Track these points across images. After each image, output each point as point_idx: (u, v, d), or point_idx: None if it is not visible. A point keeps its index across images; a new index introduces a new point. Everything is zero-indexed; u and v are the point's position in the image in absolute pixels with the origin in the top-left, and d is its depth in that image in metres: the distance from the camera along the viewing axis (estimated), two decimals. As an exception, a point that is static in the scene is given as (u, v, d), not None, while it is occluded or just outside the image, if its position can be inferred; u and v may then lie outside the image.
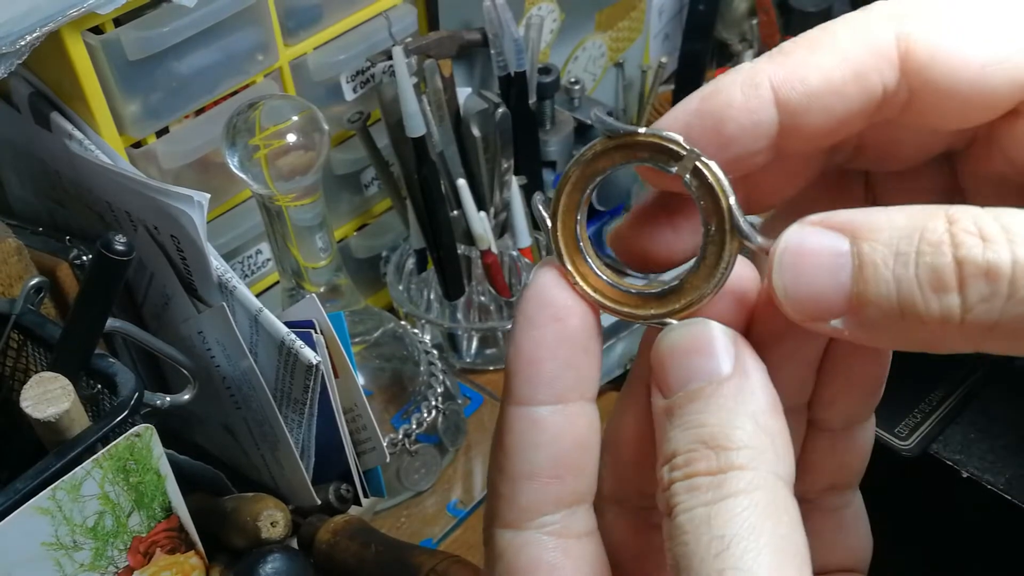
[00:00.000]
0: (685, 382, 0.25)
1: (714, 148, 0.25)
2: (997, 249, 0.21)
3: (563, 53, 0.92)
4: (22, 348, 0.53)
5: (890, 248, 0.22)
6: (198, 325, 0.56)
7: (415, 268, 0.81)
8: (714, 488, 0.23)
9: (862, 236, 0.23)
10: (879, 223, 0.23)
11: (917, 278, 0.22)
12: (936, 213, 0.22)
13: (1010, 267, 0.21)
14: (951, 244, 0.22)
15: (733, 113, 0.25)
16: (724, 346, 0.25)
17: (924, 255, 0.22)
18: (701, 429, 0.24)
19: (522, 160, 0.78)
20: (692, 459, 0.23)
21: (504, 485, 0.26)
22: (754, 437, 0.23)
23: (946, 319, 0.22)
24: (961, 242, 0.21)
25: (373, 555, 0.54)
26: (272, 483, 0.61)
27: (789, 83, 0.25)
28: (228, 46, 0.62)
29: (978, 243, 0.21)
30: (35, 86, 0.58)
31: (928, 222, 0.22)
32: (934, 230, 0.22)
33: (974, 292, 0.21)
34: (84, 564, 0.46)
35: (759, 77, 0.25)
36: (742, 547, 0.22)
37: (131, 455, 0.46)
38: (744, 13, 1.04)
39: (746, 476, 0.23)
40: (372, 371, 0.73)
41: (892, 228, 0.22)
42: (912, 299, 0.22)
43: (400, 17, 0.72)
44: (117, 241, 0.45)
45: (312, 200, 0.61)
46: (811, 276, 0.23)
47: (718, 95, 0.25)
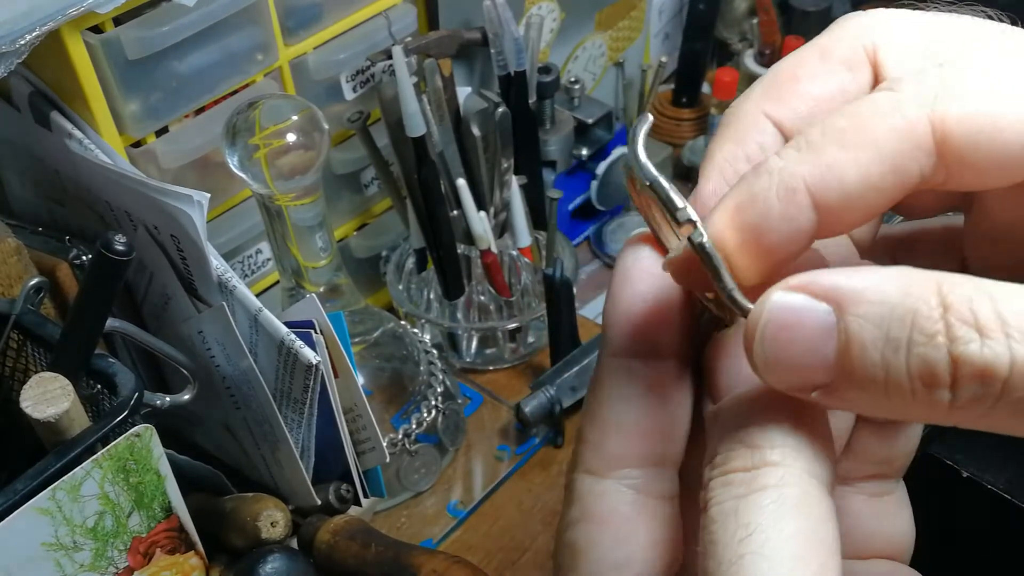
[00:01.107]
0: (730, 386, 0.25)
1: (753, 258, 0.25)
2: (994, 347, 0.20)
3: (563, 52, 0.92)
4: (22, 348, 0.52)
5: (880, 330, 0.21)
6: (198, 325, 0.56)
7: (415, 268, 0.81)
8: (747, 483, 0.23)
9: (848, 308, 0.22)
10: (867, 294, 0.22)
11: (908, 369, 0.21)
12: (928, 288, 0.21)
13: (1007, 368, 0.20)
14: (946, 337, 0.21)
15: (772, 224, 0.24)
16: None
17: (917, 345, 0.21)
18: (740, 430, 0.24)
19: (522, 160, 0.78)
20: (729, 457, 0.24)
21: (592, 432, 0.27)
22: (790, 435, 0.23)
23: (933, 407, 0.21)
24: (957, 336, 0.20)
25: (373, 555, 0.54)
26: (272, 483, 0.61)
27: (826, 185, 0.24)
28: (228, 45, 0.62)
29: (975, 338, 0.20)
30: (35, 85, 0.58)
31: (921, 304, 0.21)
32: (928, 317, 0.21)
33: (967, 391, 0.21)
34: (84, 564, 0.46)
35: (794, 182, 0.24)
36: (765, 535, 0.22)
37: (131, 455, 0.46)
38: (744, 12, 1.04)
39: (778, 472, 0.23)
40: (372, 371, 0.73)
41: (882, 304, 0.21)
42: (900, 387, 0.21)
43: (400, 16, 0.72)
44: (117, 241, 0.45)
45: (312, 200, 0.61)
46: (793, 349, 0.23)
47: (754, 206, 0.24)
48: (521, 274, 0.81)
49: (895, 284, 0.21)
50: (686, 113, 1.01)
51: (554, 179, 0.87)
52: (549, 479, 0.74)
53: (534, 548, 0.70)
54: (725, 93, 0.92)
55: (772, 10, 0.97)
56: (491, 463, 0.76)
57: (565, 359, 0.77)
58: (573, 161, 0.89)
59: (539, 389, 0.75)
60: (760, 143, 0.27)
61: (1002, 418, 0.21)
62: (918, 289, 0.21)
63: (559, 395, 0.74)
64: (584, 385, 0.76)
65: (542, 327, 0.81)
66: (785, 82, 0.27)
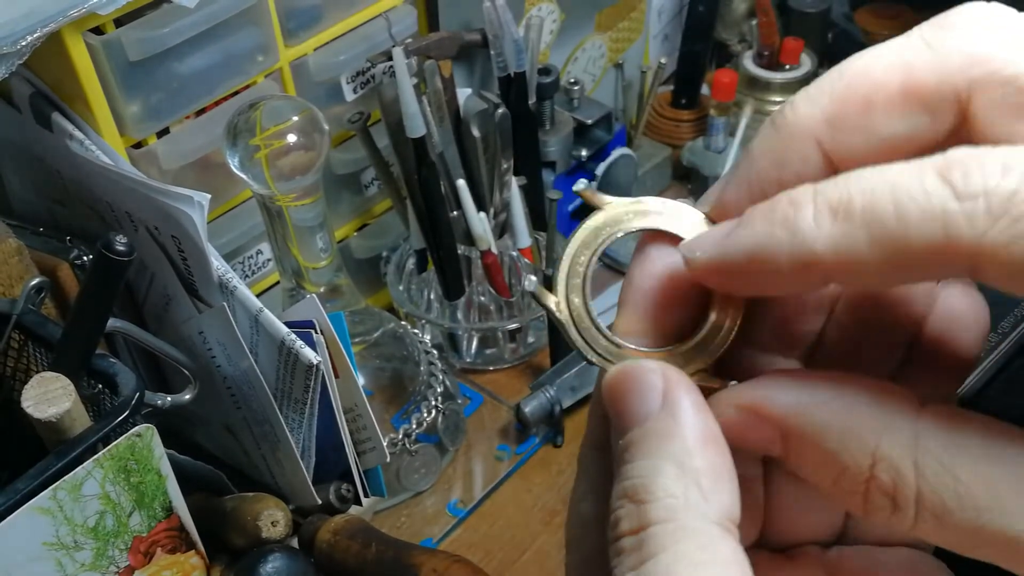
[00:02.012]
0: (627, 428, 0.24)
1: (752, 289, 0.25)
2: (902, 519, 0.22)
3: (563, 54, 0.92)
4: (23, 348, 0.53)
5: (813, 474, 0.24)
6: (199, 325, 0.56)
7: (415, 268, 0.81)
8: (636, 550, 0.22)
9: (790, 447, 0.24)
10: (807, 440, 0.24)
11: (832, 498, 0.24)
12: (863, 449, 0.23)
13: (910, 531, 0.23)
14: (862, 501, 0.23)
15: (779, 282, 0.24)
16: (654, 383, 0.24)
17: (841, 494, 0.23)
18: (627, 482, 0.23)
19: (522, 160, 0.78)
20: (619, 518, 0.23)
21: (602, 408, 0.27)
22: (675, 483, 0.22)
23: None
24: (872, 503, 0.23)
25: (373, 555, 0.54)
26: (272, 483, 0.61)
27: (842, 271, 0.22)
28: (228, 47, 0.62)
29: (887, 507, 0.22)
30: (36, 86, 0.58)
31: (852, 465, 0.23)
32: (854, 480, 0.23)
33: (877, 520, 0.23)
34: (85, 564, 0.46)
35: (811, 259, 0.22)
36: None
37: (132, 455, 0.46)
38: (743, 14, 1.04)
39: (667, 529, 0.22)
40: (372, 371, 0.73)
41: (818, 451, 0.23)
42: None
43: (400, 18, 0.72)
44: (118, 241, 0.45)
45: (312, 200, 0.61)
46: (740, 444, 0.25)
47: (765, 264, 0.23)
48: (521, 274, 0.81)
49: (835, 434, 0.23)
50: (685, 114, 1.01)
51: (554, 180, 0.87)
52: (549, 479, 0.74)
53: (534, 548, 0.70)
54: (724, 94, 0.93)
55: (771, 11, 0.97)
56: (491, 463, 0.76)
57: (565, 359, 0.77)
58: (573, 162, 0.89)
59: (539, 389, 0.75)
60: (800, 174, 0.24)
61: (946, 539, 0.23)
62: (854, 446, 0.23)
63: (559, 395, 0.74)
64: (584, 385, 0.76)
65: (542, 327, 0.81)
66: (854, 111, 0.23)
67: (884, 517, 0.22)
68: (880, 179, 0.21)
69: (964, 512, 0.22)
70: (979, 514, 0.21)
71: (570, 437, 0.76)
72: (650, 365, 0.25)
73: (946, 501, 0.22)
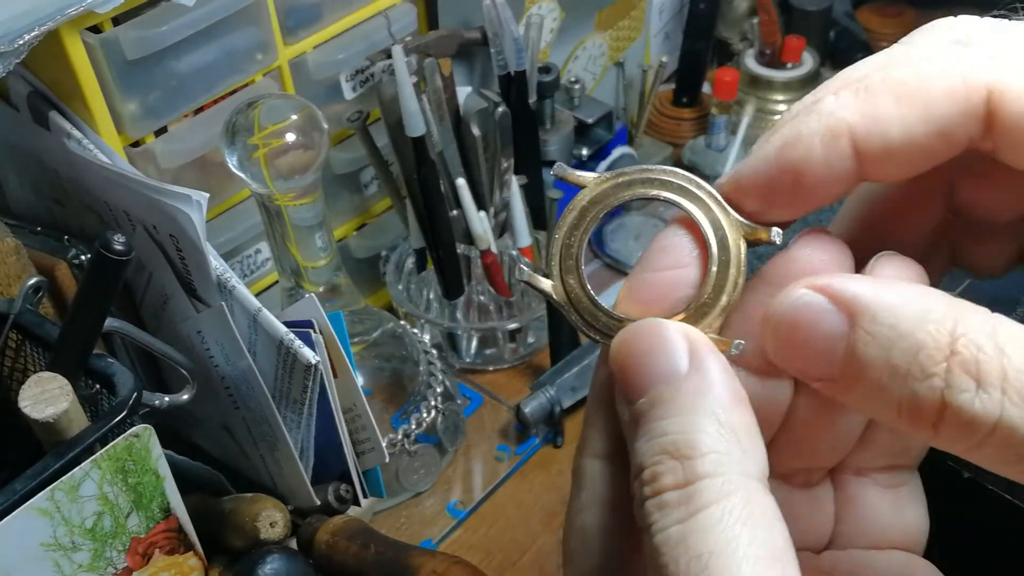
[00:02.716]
0: (646, 387, 0.24)
1: (790, 197, 0.25)
2: (986, 402, 0.20)
3: (563, 52, 0.92)
4: (20, 348, 0.52)
5: (884, 352, 0.22)
6: (197, 325, 0.56)
7: (415, 268, 0.81)
8: (684, 503, 0.22)
9: (861, 323, 0.22)
10: (882, 314, 0.22)
11: (899, 400, 0.22)
12: (943, 326, 0.21)
13: (993, 424, 0.21)
14: (944, 381, 0.21)
15: (813, 167, 0.24)
16: (678, 343, 0.25)
17: (914, 380, 0.21)
18: (664, 438, 0.23)
19: (522, 159, 0.77)
20: (658, 473, 0.23)
21: (601, 416, 0.27)
22: (718, 439, 0.23)
23: (916, 434, 0.22)
24: (953, 383, 0.21)
25: (372, 556, 0.54)
26: (271, 483, 0.61)
27: (870, 137, 0.24)
28: (227, 45, 0.62)
29: (971, 388, 0.21)
30: (34, 85, 0.58)
31: (929, 340, 0.21)
32: (932, 357, 0.21)
33: (947, 433, 0.21)
34: (83, 565, 0.46)
35: (840, 128, 0.24)
36: (721, 563, 0.21)
37: (130, 455, 0.46)
38: (744, 12, 1.04)
39: (715, 484, 0.22)
40: (371, 371, 0.73)
41: (892, 328, 0.22)
42: (887, 412, 0.22)
43: (400, 16, 0.72)
44: (116, 241, 0.44)
45: (311, 199, 0.61)
46: (802, 347, 0.23)
47: (799, 145, 0.24)
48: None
49: (912, 311, 0.22)
50: (686, 113, 1.01)
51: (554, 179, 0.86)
52: (549, 479, 0.74)
53: (534, 548, 0.70)
54: (725, 93, 0.92)
55: (773, 10, 0.97)
56: (491, 463, 0.76)
57: (565, 359, 0.77)
58: (573, 161, 0.89)
59: (539, 389, 0.75)
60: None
61: (984, 460, 0.22)
62: (932, 323, 0.21)
63: (559, 395, 0.74)
64: (584, 385, 0.76)
65: (542, 327, 0.81)
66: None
67: (964, 404, 0.21)
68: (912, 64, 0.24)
69: None
70: None
71: (570, 438, 0.76)
72: (672, 324, 0.25)
73: None
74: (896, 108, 0.24)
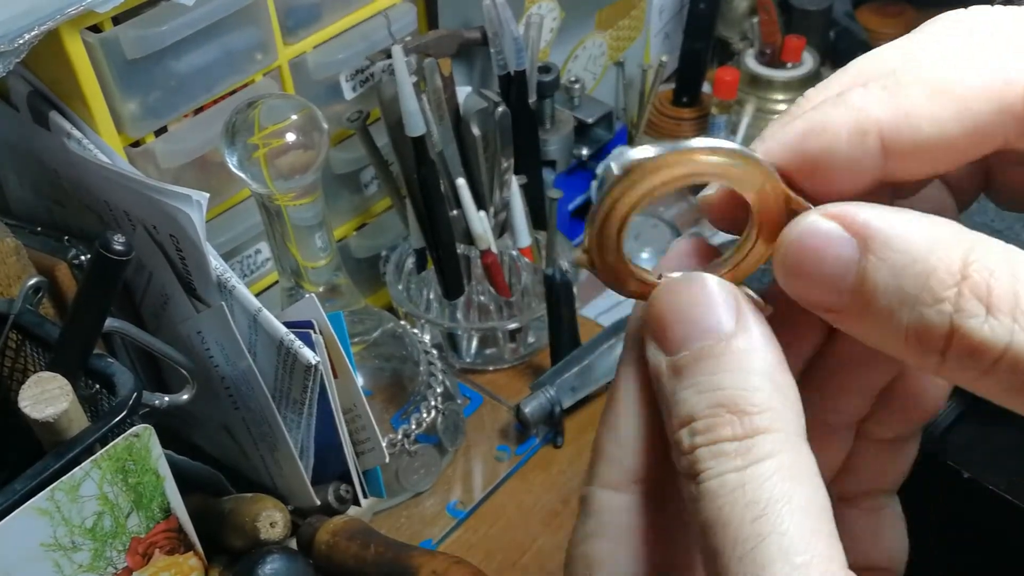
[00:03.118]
0: (689, 339, 0.24)
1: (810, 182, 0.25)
2: (996, 328, 0.20)
3: (563, 52, 0.92)
4: (20, 348, 0.52)
5: (894, 278, 0.22)
6: (197, 325, 0.56)
7: (415, 268, 0.81)
8: (742, 454, 0.23)
9: (873, 249, 0.22)
10: (894, 240, 0.22)
11: (906, 327, 0.22)
12: (955, 251, 0.21)
13: (1002, 350, 0.20)
14: (953, 306, 0.21)
15: (837, 160, 0.24)
16: (725, 300, 0.24)
17: (922, 304, 0.21)
18: (719, 392, 0.23)
19: (522, 159, 0.77)
20: (714, 424, 0.23)
21: (612, 446, 0.27)
22: (773, 398, 0.23)
23: (924, 362, 0.22)
24: (963, 308, 0.21)
25: (372, 556, 0.54)
26: (271, 484, 0.61)
27: (899, 134, 0.23)
28: (227, 45, 0.62)
29: (980, 313, 0.20)
30: (33, 85, 0.58)
31: (941, 265, 0.21)
32: (942, 281, 0.21)
33: (955, 360, 0.21)
34: (83, 565, 0.46)
35: (868, 124, 0.23)
36: (778, 510, 0.22)
37: (130, 455, 0.46)
38: (745, 12, 1.04)
39: (771, 439, 0.23)
40: (371, 371, 0.73)
41: (904, 253, 0.22)
42: (895, 340, 0.22)
43: (399, 16, 0.72)
44: (116, 241, 0.44)
45: (311, 199, 0.61)
46: (810, 274, 0.23)
47: (823, 135, 0.24)
48: (521, 274, 0.81)
49: (924, 237, 0.22)
50: (687, 113, 1.01)
51: (554, 179, 0.86)
52: (549, 479, 0.74)
53: (534, 548, 0.70)
54: (726, 92, 0.92)
55: (773, 9, 0.97)
56: (491, 463, 0.76)
57: (565, 359, 0.77)
58: (573, 161, 0.89)
59: (539, 389, 0.75)
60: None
61: (990, 389, 0.22)
62: (944, 249, 0.21)
63: (559, 395, 0.74)
64: (584, 385, 0.76)
65: (542, 327, 0.81)
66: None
67: (974, 330, 0.20)
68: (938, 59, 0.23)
69: None
70: None
71: (570, 438, 0.76)
72: (716, 279, 0.25)
73: None
74: (929, 105, 0.23)
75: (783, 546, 0.21)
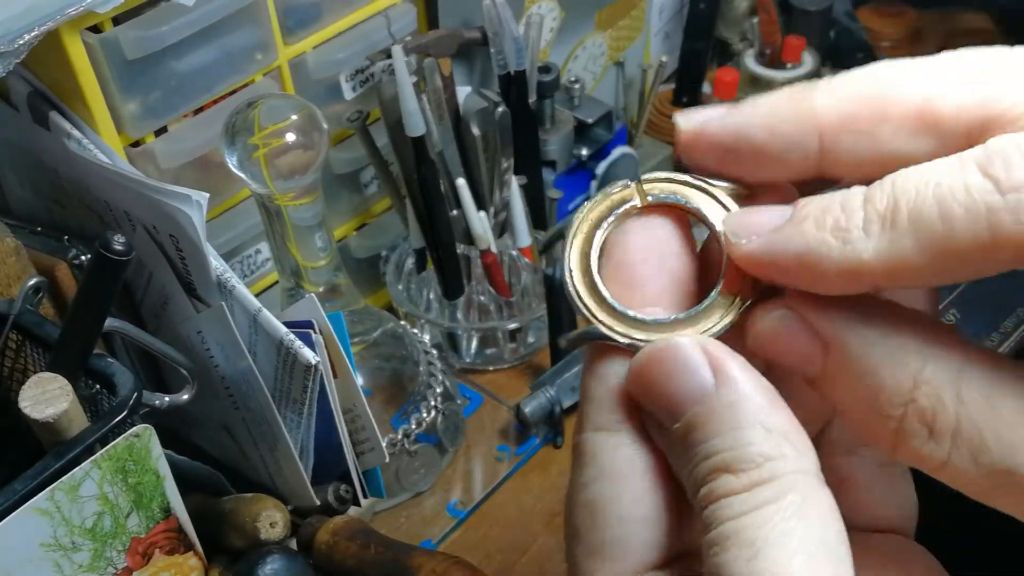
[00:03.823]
0: (677, 409, 0.25)
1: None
2: (934, 450, 0.22)
3: (563, 52, 0.92)
4: (20, 348, 0.52)
5: (853, 381, 0.24)
6: (197, 325, 0.56)
7: (414, 268, 0.81)
8: (741, 504, 0.23)
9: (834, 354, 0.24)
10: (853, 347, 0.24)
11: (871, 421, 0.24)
12: (908, 369, 0.23)
13: (941, 464, 0.22)
14: (898, 424, 0.23)
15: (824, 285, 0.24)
16: (696, 357, 0.25)
17: (874, 415, 0.23)
18: (715, 458, 0.24)
19: (522, 159, 0.77)
20: (717, 487, 0.24)
21: (599, 388, 0.27)
22: (769, 445, 0.23)
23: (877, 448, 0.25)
24: (906, 429, 0.23)
25: (372, 556, 0.54)
26: (271, 484, 0.61)
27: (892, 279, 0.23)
28: (227, 45, 0.62)
29: (923, 435, 0.22)
30: (33, 85, 0.58)
31: (893, 384, 0.23)
32: (891, 402, 0.23)
33: (904, 460, 0.23)
34: (83, 565, 0.46)
35: (861, 269, 0.23)
36: (774, 552, 0.22)
37: (130, 455, 0.46)
38: (745, 12, 1.04)
39: (771, 487, 0.23)
40: (371, 371, 0.73)
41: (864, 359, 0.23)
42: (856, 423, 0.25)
43: (399, 16, 0.72)
44: (116, 241, 0.44)
45: (311, 199, 0.61)
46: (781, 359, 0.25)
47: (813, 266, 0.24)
48: (521, 274, 0.81)
49: (882, 350, 0.23)
50: (686, 113, 1.01)
51: (554, 179, 0.86)
52: (549, 479, 0.74)
53: (534, 548, 0.70)
54: (726, 93, 0.92)
55: (773, 9, 0.97)
56: (491, 463, 0.76)
57: (565, 359, 0.77)
58: (573, 161, 0.89)
59: (539, 389, 0.75)
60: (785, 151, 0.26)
61: (944, 479, 0.23)
62: (899, 367, 0.23)
63: (559, 395, 0.74)
64: (584, 385, 0.76)
65: (542, 327, 0.81)
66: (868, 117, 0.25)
67: (916, 447, 0.22)
68: (922, 179, 0.22)
69: (1001, 450, 0.22)
70: (1015, 453, 0.21)
71: (570, 438, 0.76)
72: (682, 341, 0.25)
73: (985, 436, 0.22)
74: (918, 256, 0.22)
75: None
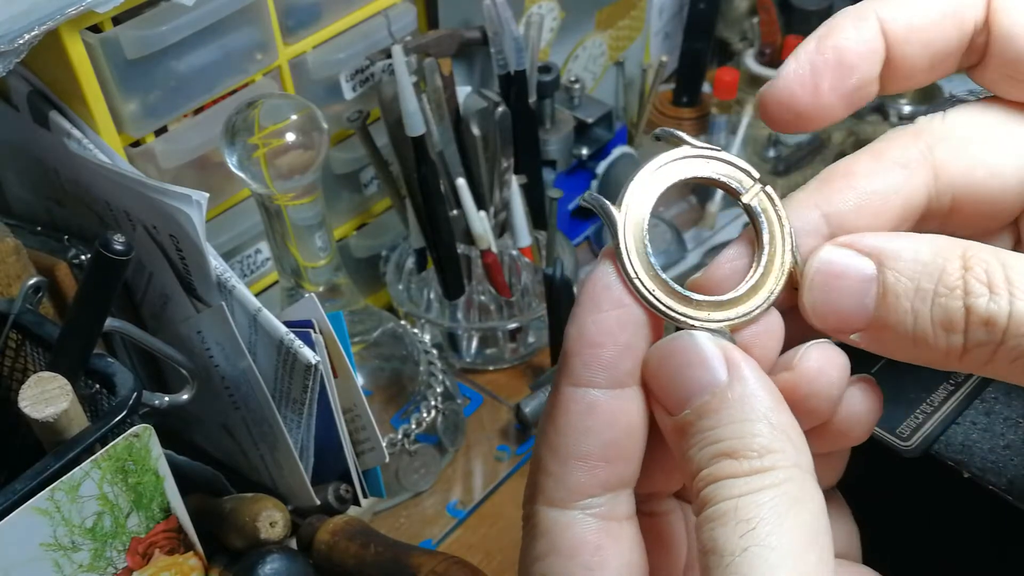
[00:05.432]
0: (688, 398, 0.26)
1: (837, 78, 0.28)
2: (999, 301, 0.24)
3: (563, 52, 0.92)
4: (20, 348, 0.52)
5: (912, 282, 0.25)
6: (197, 325, 0.56)
7: (415, 267, 0.81)
8: (742, 486, 0.24)
9: (888, 263, 0.26)
10: (904, 252, 0.26)
11: (931, 317, 0.25)
12: (955, 252, 0.25)
13: (1006, 319, 0.24)
14: (963, 291, 0.25)
15: (850, 44, 0.28)
16: (714, 353, 0.26)
17: (940, 296, 0.25)
18: (720, 444, 0.25)
19: (522, 159, 0.77)
20: (719, 469, 0.24)
21: (554, 464, 0.27)
22: (772, 439, 0.25)
23: (950, 352, 0.25)
24: (971, 291, 0.25)
25: (372, 556, 0.54)
26: (271, 483, 0.61)
27: (892, 15, 0.28)
28: (227, 45, 0.62)
29: (984, 293, 0.24)
30: (34, 85, 0.58)
31: (947, 264, 0.25)
32: (951, 274, 0.25)
33: (974, 336, 0.25)
34: (83, 565, 0.46)
35: (866, 11, 0.28)
36: (767, 529, 0.23)
37: (130, 455, 0.46)
38: (745, 12, 1.04)
39: (772, 474, 0.24)
40: (371, 371, 0.73)
41: (915, 261, 0.25)
42: (925, 333, 0.25)
43: (400, 15, 0.72)
44: (116, 240, 0.44)
45: (311, 199, 0.61)
46: (837, 296, 0.26)
47: (834, 31, 0.28)
48: (521, 274, 0.81)
49: (928, 246, 0.26)
50: (687, 113, 1.01)
51: (554, 179, 0.86)
52: (549, 479, 0.74)
53: (534, 548, 0.70)
54: (726, 93, 0.92)
55: (773, 9, 0.97)
56: (491, 463, 0.76)
57: (565, 359, 0.76)
58: (573, 161, 0.89)
59: (539, 389, 0.75)
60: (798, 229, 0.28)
61: (1002, 365, 0.25)
62: (946, 252, 0.25)
63: (559, 395, 0.74)
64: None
65: (542, 327, 0.81)
66: (838, 177, 0.28)
67: (983, 304, 0.24)
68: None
69: None
70: None
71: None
72: (703, 335, 0.26)
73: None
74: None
75: (769, 560, 0.23)
